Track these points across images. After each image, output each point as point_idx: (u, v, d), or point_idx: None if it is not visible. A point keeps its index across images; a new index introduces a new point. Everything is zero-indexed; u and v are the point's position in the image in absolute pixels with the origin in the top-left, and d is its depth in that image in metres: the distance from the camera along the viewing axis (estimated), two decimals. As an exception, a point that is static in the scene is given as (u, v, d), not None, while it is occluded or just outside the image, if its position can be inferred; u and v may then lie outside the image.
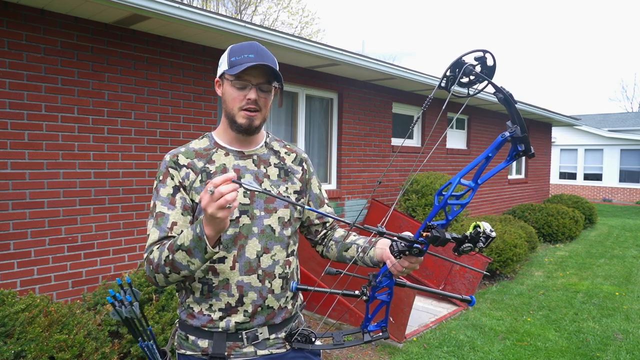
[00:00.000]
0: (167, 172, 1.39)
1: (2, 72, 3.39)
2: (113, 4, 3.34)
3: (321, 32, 42.87)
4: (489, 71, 1.09)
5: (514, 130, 1.02)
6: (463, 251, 1.15)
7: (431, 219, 1.17)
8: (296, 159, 1.56)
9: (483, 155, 1.08)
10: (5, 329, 2.35)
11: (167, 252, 1.26)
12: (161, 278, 1.30)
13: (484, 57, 1.08)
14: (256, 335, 1.40)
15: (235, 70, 1.33)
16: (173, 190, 1.38)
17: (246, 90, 1.36)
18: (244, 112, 1.38)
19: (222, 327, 1.38)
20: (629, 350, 4.05)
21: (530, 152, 1.03)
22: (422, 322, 4.56)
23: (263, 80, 1.37)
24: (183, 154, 1.42)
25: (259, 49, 1.37)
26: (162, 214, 1.36)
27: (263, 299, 1.40)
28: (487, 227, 1.13)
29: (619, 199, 19.22)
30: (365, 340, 1.42)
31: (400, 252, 1.25)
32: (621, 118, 24.53)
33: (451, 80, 1.10)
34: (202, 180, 1.39)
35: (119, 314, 1.39)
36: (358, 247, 1.49)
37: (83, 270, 3.87)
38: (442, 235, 1.14)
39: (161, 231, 1.34)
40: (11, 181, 3.47)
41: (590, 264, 7.30)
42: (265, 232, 1.41)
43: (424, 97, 7.65)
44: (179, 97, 4.42)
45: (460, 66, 1.08)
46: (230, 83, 1.37)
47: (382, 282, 1.34)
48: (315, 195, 1.60)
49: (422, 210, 6.26)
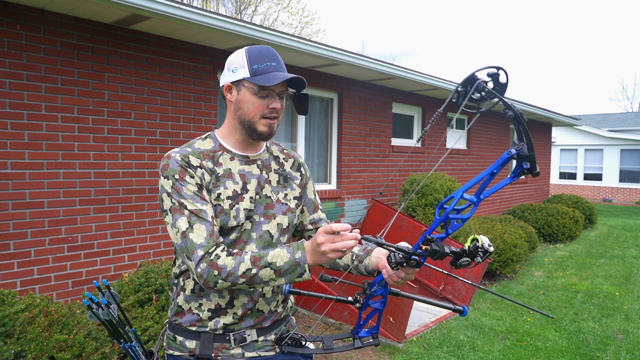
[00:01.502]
0: (185, 170, 1.32)
1: (2, 72, 3.39)
2: (113, 4, 3.34)
3: (321, 32, 42.86)
4: (501, 88, 1.09)
5: (521, 148, 1.02)
6: (461, 265, 1.15)
7: (431, 232, 1.16)
8: (294, 165, 1.56)
9: (488, 171, 1.08)
10: (5, 329, 2.35)
11: (249, 266, 1.22)
12: (225, 285, 1.25)
13: (497, 74, 1.08)
14: (244, 337, 1.40)
15: (265, 82, 1.32)
16: (197, 187, 1.32)
17: (269, 99, 1.36)
18: (266, 120, 1.37)
19: (210, 327, 1.38)
20: (629, 350, 4.05)
21: (536, 171, 1.03)
22: (422, 322, 4.56)
23: (284, 88, 1.39)
24: (192, 154, 1.36)
25: (277, 55, 1.38)
26: (199, 210, 1.29)
27: (254, 303, 1.40)
28: (485, 242, 1.12)
29: (619, 199, 19.22)
30: (355, 346, 1.42)
31: (398, 263, 1.23)
32: (621, 118, 24.53)
33: (462, 96, 1.10)
34: (212, 182, 1.37)
35: (96, 316, 1.40)
36: (352, 254, 1.48)
37: (83, 270, 3.87)
38: (441, 249, 1.14)
39: (206, 227, 1.28)
40: (11, 181, 3.47)
41: (590, 264, 7.30)
42: (264, 237, 1.41)
43: (424, 97, 7.66)
44: (179, 97, 4.42)
45: (472, 82, 1.08)
46: (251, 91, 1.35)
47: (377, 291, 1.34)
48: (310, 201, 1.60)
49: (422, 210, 6.26)
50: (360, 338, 1.43)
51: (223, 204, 1.35)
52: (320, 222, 1.61)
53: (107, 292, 1.43)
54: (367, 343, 1.42)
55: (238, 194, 1.38)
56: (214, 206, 1.35)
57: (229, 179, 1.39)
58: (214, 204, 1.35)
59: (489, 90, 1.08)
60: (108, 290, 1.43)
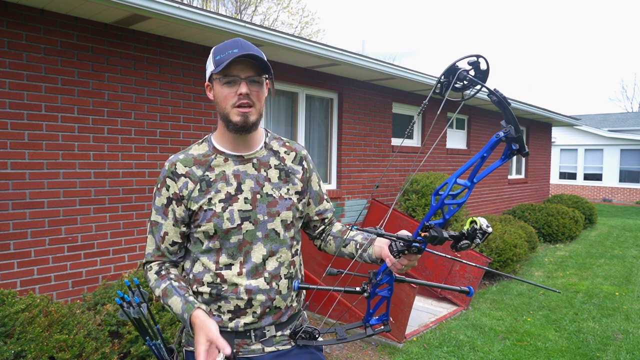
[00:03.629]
0: (164, 182, 1.41)
1: (2, 72, 3.39)
2: (113, 4, 3.34)
3: (321, 32, 42.85)
4: (483, 75, 1.11)
5: (508, 131, 1.05)
6: (461, 248, 1.18)
7: (429, 219, 1.18)
8: (296, 158, 1.54)
9: (478, 155, 1.11)
10: (5, 329, 2.35)
11: (159, 293, 1.40)
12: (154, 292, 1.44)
13: (477, 62, 1.10)
14: (264, 333, 1.42)
15: (222, 67, 1.30)
16: (167, 201, 1.41)
17: (236, 86, 1.34)
18: (237, 109, 1.35)
19: (231, 327, 1.40)
20: (629, 350, 4.05)
21: (525, 151, 1.06)
22: (422, 322, 4.56)
23: (252, 73, 1.35)
24: (181, 161, 1.41)
25: (243, 43, 1.35)
26: (156, 222, 1.44)
27: (271, 300, 1.41)
28: (483, 223, 1.15)
29: (619, 199, 19.22)
30: (367, 334, 1.46)
31: (400, 251, 1.27)
32: (621, 118, 24.53)
33: (445, 86, 1.12)
34: (201, 189, 1.38)
35: (127, 314, 1.41)
36: (356, 243, 1.51)
37: (83, 270, 3.87)
38: (439, 235, 1.17)
39: (156, 239, 1.44)
40: (11, 181, 3.47)
41: (590, 264, 7.30)
42: (270, 236, 1.42)
43: (424, 97, 7.65)
44: (179, 97, 4.42)
45: (454, 72, 1.10)
46: (219, 82, 1.35)
47: (382, 279, 1.37)
48: (315, 193, 1.60)
49: (422, 210, 6.26)
50: (372, 325, 1.47)
51: (215, 207, 1.37)
52: (326, 212, 1.62)
53: (137, 290, 1.46)
54: (378, 330, 1.47)
55: (232, 196, 1.39)
56: (205, 211, 1.37)
57: (223, 182, 1.40)
58: (205, 209, 1.37)
59: (471, 79, 1.09)
60: (138, 289, 1.46)
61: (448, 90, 1.11)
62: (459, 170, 1.12)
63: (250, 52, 1.31)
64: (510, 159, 1.15)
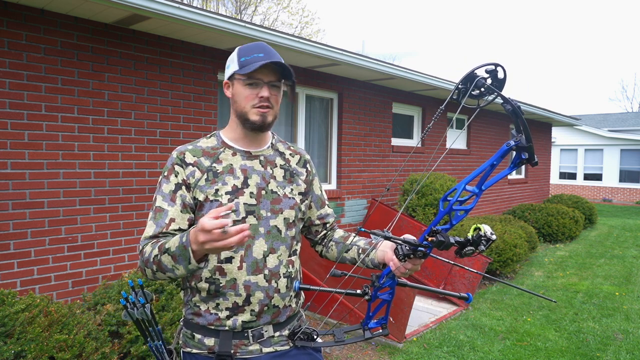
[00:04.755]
0: (173, 168, 1.42)
1: (2, 72, 3.39)
2: (113, 4, 3.34)
3: (321, 32, 42.85)
4: (499, 83, 1.12)
5: (519, 140, 1.05)
6: (465, 254, 1.18)
7: (436, 223, 1.19)
8: (300, 161, 1.59)
9: (488, 163, 1.11)
10: (5, 329, 2.35)
11: (156, 252, 1.30)
12: (149, 273, 1.34)
13: (495, 70, 1.11)
14: (261, 333, 1.42)
15: (247, 70, 1.36)
16: (175, 187, 1.40)
17: (258, 89, 1.40)
18: (257, 109, 1.40)
19: (228, 325, 1.40)
20: (629, 350, 4.05)
21: (534, 161, 1.06)
22: (422, 322, 4.56)
23: (274, 78, 1.41)
24: (190, 151, 1.44)
25: (268, 48, 1.41)
26: (162, 209, 1.39)
27: (269, 299, 1.41)
28: (487, 230, 1.15)
29: (619, 199, 19.22)
30: (365, 337, 1.46)
31: (405, 255, 1.28)
32: (621, 118, 24.53)
33: (462, 93, 1.13)
34: (208, 179, 1.41)
35: (130, 315, 1.41)
36: (359, 248, 1.52)
37: (83, 270, 3.87)
38: (447, 240, 1.17)
39: (157, 226, 1.37)
40: (11, 181, 3.47)
41: (590, 264, 7.30)
42: (272, 232, 1.43)
43: (424, 97, 7.66)
44: (179, 97, 4.42)
45: (472, 79, 1.11)
46: (241, 83, 1.40)
47: (385, 283, 1.38)
48: (317, 197, 1.63)
49: (422, 210, 6.26)
50: (370, 329, 1.47)
51: (222, 199, 1.39)
52: (328, 217, 1.66)
53: (140, 291, 1.45)
54: (376, 333, 1.47)
55: (238, 189, 1.41)
56: (211, 202, 1.38)
57: (230, 175, 1.42)
58: (211, 199, 1.38)
59: (488, 87, 1.11)
60: (141, 290, 1.45)
61: (465, 97, 1.13)
62: (468, 177, 1.12)
63: (276, 60, 1.37)
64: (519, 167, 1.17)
